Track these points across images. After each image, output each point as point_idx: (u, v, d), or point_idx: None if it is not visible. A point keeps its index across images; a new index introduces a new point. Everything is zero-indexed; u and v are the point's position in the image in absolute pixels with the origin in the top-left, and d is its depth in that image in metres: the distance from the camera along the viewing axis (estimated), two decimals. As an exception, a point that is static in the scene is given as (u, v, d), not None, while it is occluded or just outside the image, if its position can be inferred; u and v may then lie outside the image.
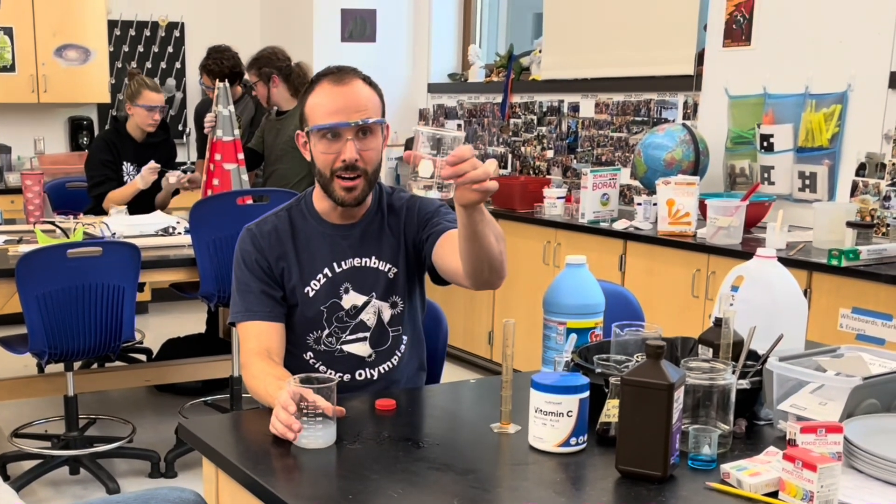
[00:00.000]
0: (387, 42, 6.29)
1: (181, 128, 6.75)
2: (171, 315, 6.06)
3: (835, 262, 3.20)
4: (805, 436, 1.53)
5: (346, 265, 2.12)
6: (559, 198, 4.58)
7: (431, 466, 1.60)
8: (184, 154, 6.40)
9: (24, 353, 3.34)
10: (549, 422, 1.63)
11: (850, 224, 3.40)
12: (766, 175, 4.04)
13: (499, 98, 5.69)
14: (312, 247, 2.13)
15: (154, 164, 4.33)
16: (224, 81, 4.30)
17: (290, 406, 1.67)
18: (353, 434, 1.74)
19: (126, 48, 6.62)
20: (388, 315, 2.15)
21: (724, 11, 4.25)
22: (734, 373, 1.72)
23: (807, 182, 3.94)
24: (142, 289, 3.71)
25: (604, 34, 4.95)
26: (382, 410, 1.88)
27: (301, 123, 2.10)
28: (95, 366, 4.55)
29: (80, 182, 4.83)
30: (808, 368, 1.77)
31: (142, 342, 5.07)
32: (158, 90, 4.46)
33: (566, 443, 1.64)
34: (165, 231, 3.86)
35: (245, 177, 4.20)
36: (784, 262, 2.10)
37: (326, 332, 2.13)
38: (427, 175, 1.65)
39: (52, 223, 3.84)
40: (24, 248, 3.38)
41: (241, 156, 4.20)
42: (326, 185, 2.06)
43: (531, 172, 5.50)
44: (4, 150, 6.15)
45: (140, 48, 6.66)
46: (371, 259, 2.13)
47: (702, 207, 3.85)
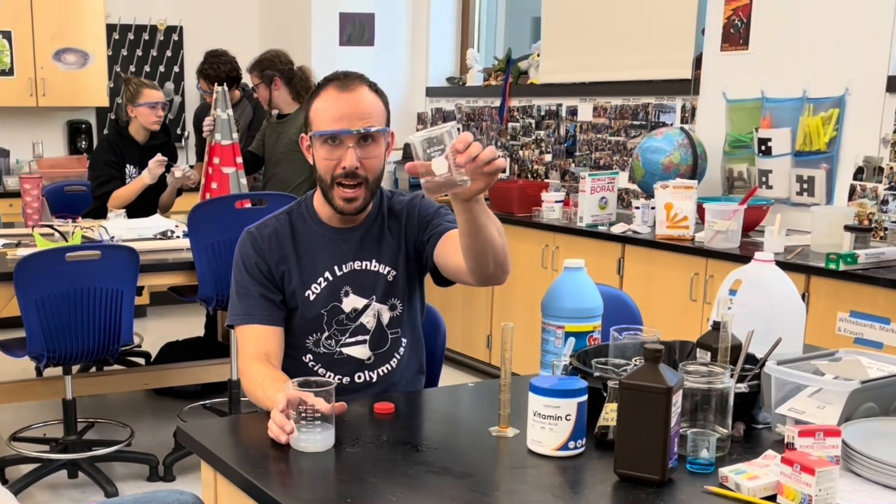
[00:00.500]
0: (385, 46, 6.29)
1: (180, 131, 6.74)
2: (170, 319, 6.05)
3: (833, 266, 3.20)
4: (803, 439, 1.54)
5: (347, 268, 2.12)
6: (557, 201, 4.58)
7: (430, 470, 1.60)
8: (183, 158, 6.39)
9: (23, 357, 3.34)
10: (548, 425, 1.63)
11: (848, 228, 3.41)
12: (764, 179, 4.05)
13: (497, 102, 5.69)
14: (313, 250, 2.13)
15: (161, 157, 4.33)
16: (222, 85, 4.30)
17: (282, 405, 1.67)
18: (352, 437, 1.74)
19: (125, 52, 6.61)
20: (387, 317, 2.15)
21: (722, 15, 4.26)
22: (732, 376, 1.72)
23: (805, 186, 3.94)
24: (140, 292, 3.71)
25: (602, 38, 4.96)
26: (381, 414, 1.88)
27: (305, 127, 2.10)
28: (94, 369, 4.56)
29: (79, 185, 4.83)
30: (807, 372, 1.77)
31: (140, 346, 5.05)
32: (157, 87, 4.48)
33: (564, 446, 1.64)
34: (164, 235, 3.86)
35: (244, 180, 4.20)
36: (782, 266, 2.10)
37: (326, 335, 2.13)
38: (444, 171, 1.62)
39: (51, 227, 3.84)
40: (23, 252, 3.38)
41: (240, 159, 4.20)
42: (327, 192, 2.07)
43: (529, 176, 5.50)
44: (3, 154, 6.15)
45: (138, 52, 6.66)
46: (371, 262, 2.14)
47: (700, 211, 3.85)
